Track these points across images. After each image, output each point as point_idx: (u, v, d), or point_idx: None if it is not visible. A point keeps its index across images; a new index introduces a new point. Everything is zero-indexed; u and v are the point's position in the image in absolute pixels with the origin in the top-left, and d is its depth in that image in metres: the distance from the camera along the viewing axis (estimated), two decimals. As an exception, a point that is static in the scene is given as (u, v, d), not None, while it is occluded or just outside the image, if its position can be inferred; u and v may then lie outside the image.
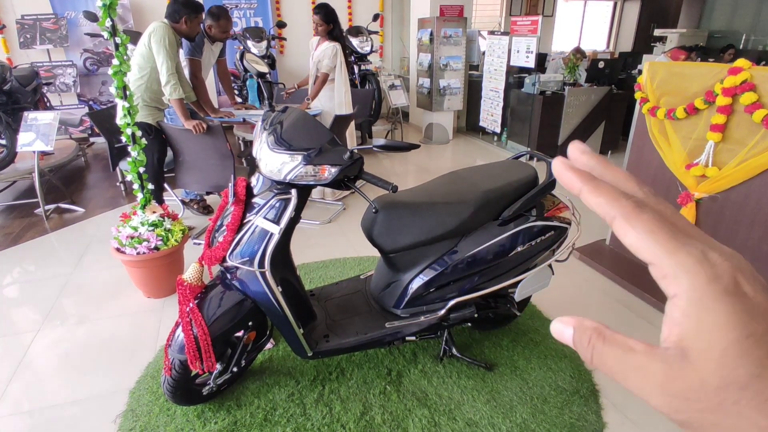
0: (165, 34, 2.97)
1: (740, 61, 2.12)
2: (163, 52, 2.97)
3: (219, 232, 1.62)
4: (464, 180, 1.87)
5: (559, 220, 1.84)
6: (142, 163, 2.54)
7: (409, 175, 5.01)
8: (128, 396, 1.92)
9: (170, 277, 2.42)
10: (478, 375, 1.99)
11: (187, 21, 3.05)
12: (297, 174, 1.47)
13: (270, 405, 1.84)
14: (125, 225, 2.44)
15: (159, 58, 2.99)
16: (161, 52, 2.96)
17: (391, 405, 1.84)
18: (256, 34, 5.52)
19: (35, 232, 3.53)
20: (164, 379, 1.67)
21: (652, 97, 2.56)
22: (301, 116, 1.65)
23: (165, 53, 2.97)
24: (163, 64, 2.99)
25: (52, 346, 2.26)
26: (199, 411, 1.81)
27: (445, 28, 5.69)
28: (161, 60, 2.99)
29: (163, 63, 2.99)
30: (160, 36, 2.95)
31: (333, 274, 2.84)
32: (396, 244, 1.76)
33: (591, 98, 5.05)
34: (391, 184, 1.48)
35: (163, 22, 3.05)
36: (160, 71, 3.01)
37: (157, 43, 2.97)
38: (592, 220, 3.40)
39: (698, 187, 2.39)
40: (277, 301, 1.60)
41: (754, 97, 2.05)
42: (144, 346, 2.24)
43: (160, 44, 2.96)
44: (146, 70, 3.06)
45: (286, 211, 1.52)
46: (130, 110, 2.45)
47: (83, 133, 6.09)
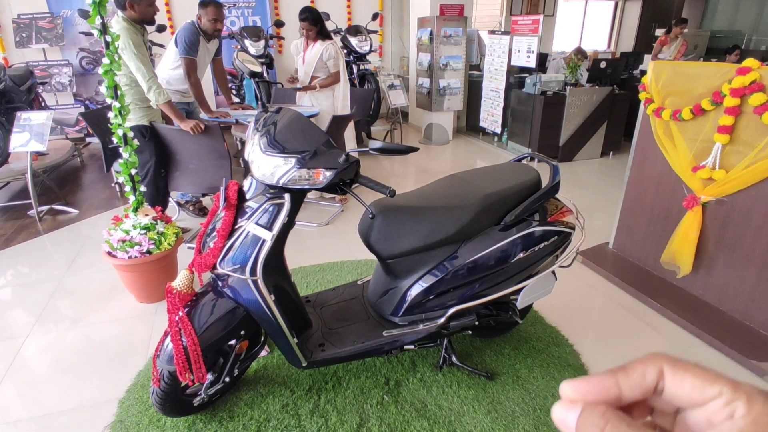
0: (124, 36, 2.70)
1: (749, 61, 2.06)
2: (132, 58, 2.74)
3: (210, 237, 1.56)
4: (464, 183, 1.81)
5: (562, 224, 1.78)
6: (134, 164, 2.48)
7: (408, 176, 4.95)
8: (117, 406, 1.86)
9: (163, 282, 2.34)
10: (479, 384, 1.93)
11: (134, 5, 2.75)
12: (290, 178, 1.40)
13: (263, 416, 1.78)
14: (117, 228, 2.38)
15: (131, 65, 2.77)
16: (131, 58, 2.74)
17: (388, 416, 1.78)
18: (254, 33, 5.46)
19: (28, 234, 3.47)
20: (153, 391, 1.61)
21: (656, 98, 2.50)
22: (295, 117, 1.59)
23: (134, 57, 2.74)
24: (137, 71, 2.78)
25: (41, 352, 2.20)
26: (190, 422, 1.75)
27: (445, 27, 5.63)
28: (134, 67, 2.77)
29: (137, 69, 2.77)
30: (122, 43, 2.68)
31: (330, 278, 2.78)
32: (394, 249, 1.70)
33: (593, 98, 5.00)
34: (389, 188, 1.42)
35: (119, 20, 2.76)
36: (138, 79, 2.81)
37: (122, 51, 2.70)
38: (595, 224, 3.35)
39: (705, 191, 2.32)
40: (270, 309, 1.54)
41: (763, 98, 1.99)
42: (135, 352, 2.18)
43: (127, 50, 2.72)
44: (126, 70, 2.86)
45: (279, 216, 1.46)
46: (122, 110, 2.39)
47: (79, 133, 6.03)
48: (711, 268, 2.41)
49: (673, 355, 0.27)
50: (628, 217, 2.89)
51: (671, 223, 2.55)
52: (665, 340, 2.24)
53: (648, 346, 2.21)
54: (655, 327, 2.34)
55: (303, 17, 3.62)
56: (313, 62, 3.72)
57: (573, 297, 2.61)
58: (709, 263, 2.41)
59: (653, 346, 2.21)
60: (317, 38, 3.70)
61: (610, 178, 4.66)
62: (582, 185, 4.53)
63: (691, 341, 2.22)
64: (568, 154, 5.20)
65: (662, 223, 2.65)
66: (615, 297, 2.60)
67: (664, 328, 2.32)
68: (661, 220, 2.65)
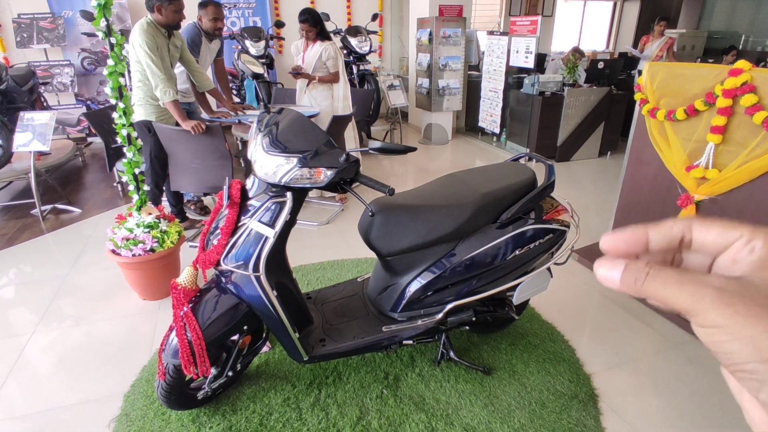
0: (140, 34, 2.82)
1: (741, 63, 2.10)
2: (144, 56, 2.84)
3: (213, 235, 1.60)
4: (462, 182, 1.85)
5: (557, 222, 1.82)
6: (138, 164, 2.52)
7: (408, 175, 4.99)
8: (123, 400, 1.90)
9: (166, 280, 2.40)
10: (476, 379, 1.97)
11: (161, 9, 2.87)
12: (292, 177, 1.45)
13: (266, 409, 1.82)
14: (121, 227, 2.42)
15: (142, 62, 2.87)
16: (142, 56, 2.84)
17: (388, 409, 1.82)
18: (255, 33, 5.50)
19: (31, 233, 3.50)
20: (158, 384, 1.65)
21: (651, 99, 2.54)
22: (296, 118, 1.63)
23: (146, 56, 2.84)
24: (147, 68, 2.87)
25: (46, 348, 2.24)
26: (194, 415, 1.79)
27: (444, 28, 5.67)
28: (144, 64, 2.87)
29: (147, 67, 2.87)
30: (136, 41, 2.83)
31: (330, 276, 2.82)
32: (393, 247, 1.74)
33: (590, 99, 5.04)
34: (388, 187, 1.46)
35: (143, 20, 2.91)
36: (148, 76, 2.90)
37: (135, 48, 2.85)
38: (592, 223, 3.39)
39: (698, 189, 2.37)
40: (272, 305, 1.58)
41: (754, 99, 2.03)
42: (139, 349, 2.21)
43: (139, 48, 2.83)
44: (140, 67, 3.00)
45: (281, 214, 1.50)
46: (126, 111, 2.43)
47: (81, 133, 6.07)
48: (704, 265, 2.45)
49: None
50: (624, 215, 2.93)
51: (666, 221, 2.59)
52: (659, 336, 2.29)
53: (642, 341, 2.25)
54: (649, 323, 2.38)
55: (303, 19, 3.66)
56: (312, 62, 3.76)
57: (569, 294, 2.65)
58: (703, 261, 2.45)
59: (647, 342, 2.25)
60: (317, 39, 3.75)
61: (607, 178, 4.70)
62: (579, 185, 4.57)
63: (683, 337, 2.26)
64: (566, 154, 5.24)
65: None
66: (610, 294, 2.64)
67: (658, 325, 2.37)
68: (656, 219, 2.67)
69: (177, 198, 3.39)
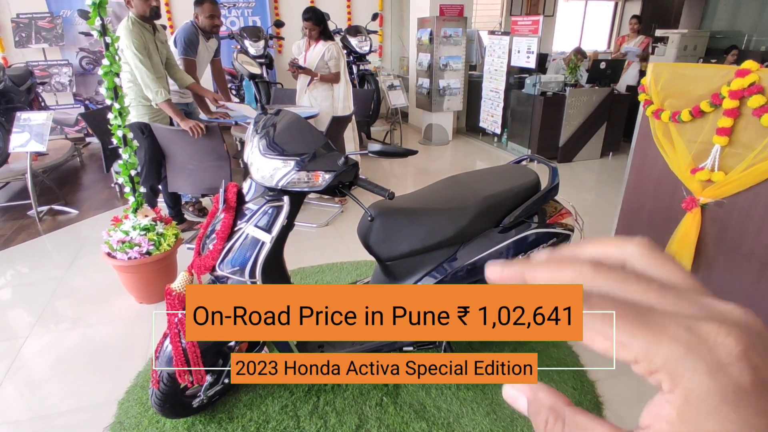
0: (126, 35, 2.76)
1: (748, 63, 2.06)
2: (131, 57, 2.78)
3: (209, 239, 1.56)
4: (463, 185, 1.82)
5: (561, 226, 1.79)
6: (134, 165, 2.48)
7: (407, 176, 4.95)
8: (117, 407, 1.86)
9: (163, 283, 2.34)
10: (478, 386, 1.93)
11: (130, 1, 2.85)
12: (290, 180, 1.41)
13: (263, 417, 1.78)
14: (116, 229, 2.38)
15: (131, 63, 2.81)
16: (129, 57, 2.79)
17: (387, 417, 1.78)
18: (254, 33, 5.46)
19: (27, 235, 3.47)
20: (152, 392, 1.61)
21: (656, 100, 2.50)
22: (294, 119, 1.59)
23: (133, 57, 2.78)
24: (136, 69, 2.81)
25: (42, 352, 2.20)
26: (189, 423, 1.75)
27: (444, 27, 5.63)
28: (133, 65, 2.81)
29: (135, 68, 2.81)
30: (123, 42, 2.75)
31: (329, 279, 2.78)
32: (393, 251, 1.70)
33: (592, 99, 5.00)
34: (388, 191, 1.42)
35: (125, 20, 2.85)
36: (137, 77, 2.85)
37: (123, 50, 2.77)
38: (595, 226, 3.35)
39: (703, 192, 2.32)
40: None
41: (762, 100, 1.99)
42: (135, 353, 2.18)
43: (127, 50, 2.77)
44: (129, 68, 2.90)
45: (278, 218, 1.46)
46: (121, 111, 2.39)
47: (79, 133, 6.03)
48: (710, 269, 2.41)
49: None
50: (628, 218, 2.89)
51: (670, 224, 2.55)
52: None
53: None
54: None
55: (307, 17, 3.63)
56: (314, 62, 3.72)
57: (572, 298, 2.61)
58: (708, 265, 2.41)
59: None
60: (320, 38, 3.71)
61: (609, 179, 4.66)
62: (581, 186, 4.53)
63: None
64: (568, 155, 5.20)
65: (661, 225, 2.65)
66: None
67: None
68: (661, 222, 2.65)
69: (174, 200, 3.35)
